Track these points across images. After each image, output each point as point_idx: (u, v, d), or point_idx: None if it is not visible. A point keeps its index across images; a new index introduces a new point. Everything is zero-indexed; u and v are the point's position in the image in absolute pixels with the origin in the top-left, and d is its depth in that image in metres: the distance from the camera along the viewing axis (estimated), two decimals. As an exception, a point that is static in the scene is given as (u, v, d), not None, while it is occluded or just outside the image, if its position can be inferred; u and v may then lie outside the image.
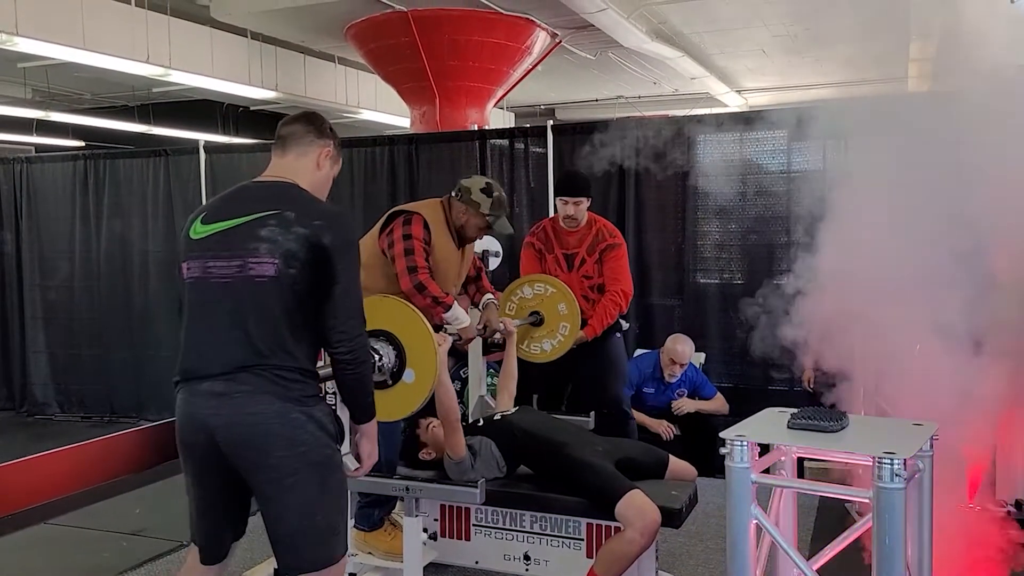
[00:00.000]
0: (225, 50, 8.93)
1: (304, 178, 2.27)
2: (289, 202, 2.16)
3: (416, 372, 2.53)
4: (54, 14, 6.89)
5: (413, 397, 2.56)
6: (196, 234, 2.19)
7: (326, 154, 2.34)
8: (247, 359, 2.06)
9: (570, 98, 13.90)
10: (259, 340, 2.07)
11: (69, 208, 6.59)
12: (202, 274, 2.16)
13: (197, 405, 2.09)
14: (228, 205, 2.22)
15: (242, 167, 6.13)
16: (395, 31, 8.28)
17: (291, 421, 2.04)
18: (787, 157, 4.94)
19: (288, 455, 2.05)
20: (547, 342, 4.03)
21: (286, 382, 2.06)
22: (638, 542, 2.81)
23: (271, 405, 2.04)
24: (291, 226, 2.10)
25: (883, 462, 1.78)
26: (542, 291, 4.03)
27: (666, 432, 4.58)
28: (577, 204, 4.08)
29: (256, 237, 2.10)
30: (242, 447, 2.06)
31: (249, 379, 2.05)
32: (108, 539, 4.10)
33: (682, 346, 4.59)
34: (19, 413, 6.77)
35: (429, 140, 5.91)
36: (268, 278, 2.08)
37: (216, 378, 2.07)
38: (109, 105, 12.43)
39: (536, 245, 4.26)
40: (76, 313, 6.61)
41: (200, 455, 2.13)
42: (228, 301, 2.11)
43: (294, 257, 2.08)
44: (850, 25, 4.49)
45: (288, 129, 2.33)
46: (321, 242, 2.09)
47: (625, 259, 4.19)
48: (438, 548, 3.34)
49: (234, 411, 2.04)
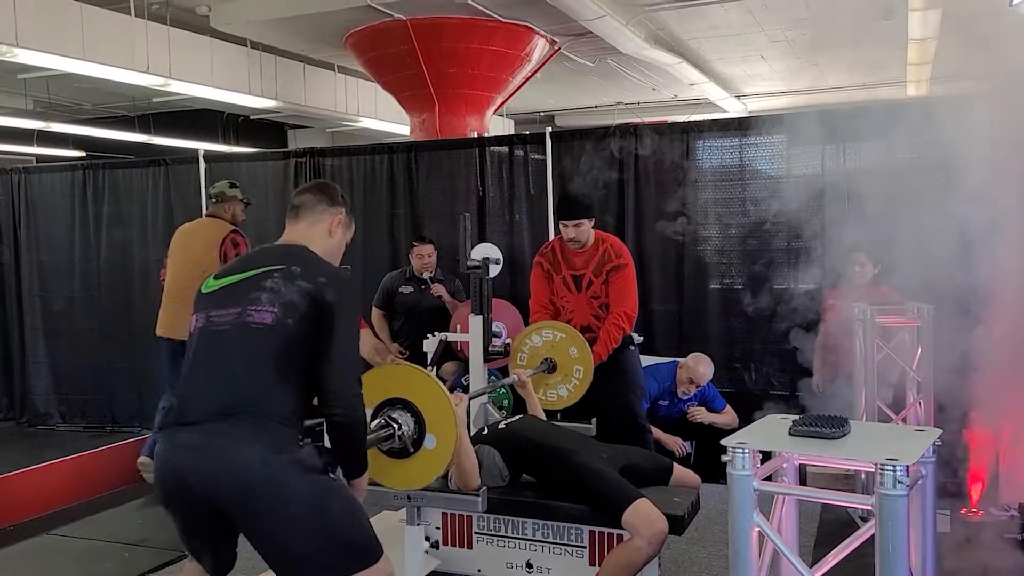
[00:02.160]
0: (225, 59, 8.95)
1: (317, 245, 2.34)
2: (297, 260, 2.22)
3: (437, 437, 2.50)
4: (54, 25, 6.91)
5: (436, 462, 2.53)
6: (207, 288, 2.26)
7: (337, 222, 2.41)
8: (230, 405, 2.06)
9: (569, 105, 13.93)
10: (247, 385, 2.08)
11: (69, 218, 6.59)
12: (204, 324, 2.20)
13: (176, 456, 2.08)
14: (240, 263, 2.30)
15: (241, 176, 6.14)
16: (394, 39, 8.29)
17: (272, 467, 2.02)
18: (787, 162, 4.94)
19: (274, 498, 2.03)
20: (563, 387, 4.01)
21: (265, 429, 2.05)
22: (645, 551, 2.80)
23: (251, 453, 2.02)
24: (295, 279, 2.15)
25: (886, 469, 1.77)
26: (551, 337, 4.01)
27: (679, 449, 4.57)
28: (578, 227, 4.04)
29: (259, 287, 2.15)
30: (225, 501, 2.04)
31: (228, 429, 2.04)
32: (110, 550, 4.09)
33: (704, 368, 4.58)
34: (20, 424, 6.76)
35: (428, 148, 5.91)
36: (264, 326, 2.11)
37: (195, 426, 2.07)
38: (109, 115, 12.45)
39: (544, 266, 4.23)
40: (76, 323, 6.61)
41: (180, 504, 2.12)
42: (222, 347, 2.13)
43: (294, 308, 2.11)
44: (848, 30, 4.51)
45: (301, 199, 2.40)
46: (324, 298, 2.13)
47: (630, 279, 4.14)
48: (440, 557, 3.33)
49: (215, 464, 2.03)
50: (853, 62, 11.14)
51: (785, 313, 4.88)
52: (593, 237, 4.13)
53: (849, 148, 4.74)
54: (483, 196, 5.56)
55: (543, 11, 7.89)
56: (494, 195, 5.55)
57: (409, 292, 5.30)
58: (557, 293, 4.19)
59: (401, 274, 5.39)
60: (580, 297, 4.13)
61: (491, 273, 4.24)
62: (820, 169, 4.81)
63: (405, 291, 5.30)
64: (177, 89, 8.56)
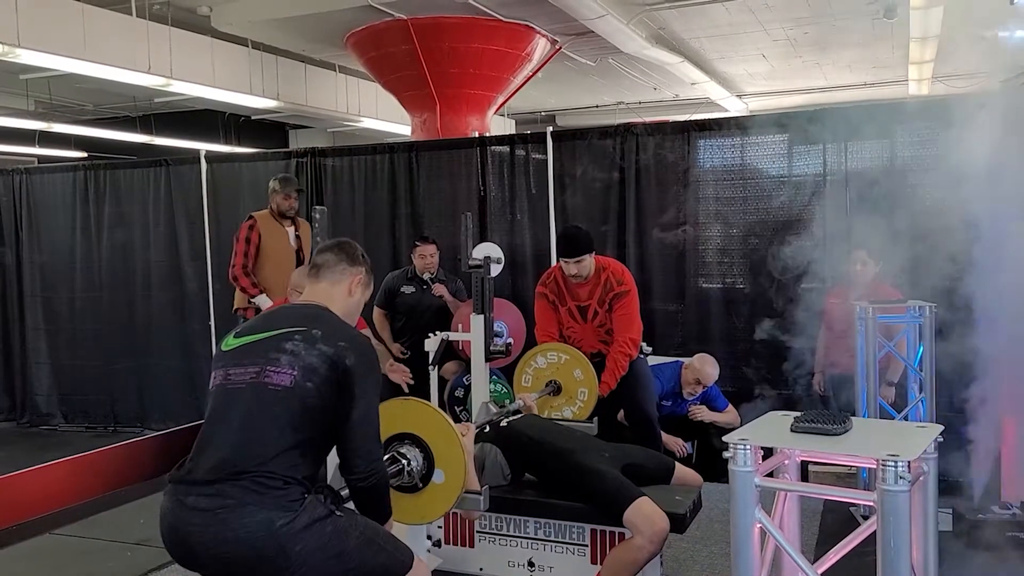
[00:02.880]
0: (226, 60, 8.96)
1: (337, 305, 2.35)
2: (318, 322, 2.22)
3: (446, 472, 2.50)
4: (56, 26, 6.92)
5: (446, 496, 2.53)
6: (227, 346, 2.26)
7: (358, 281, 2.42)
8: (238, 466, 2.05)
9: (570, 104, 13.93)
10: (256, 445, 2.06)
11: (70, 218, 6.61)
12: (222, 381, 2.20)
13: (181, 520, 2.07)
14: (261, 322, 2.30)
15: (242, 176, 6.16)
16: (395, 39, 8.30)
17: (276, 532, 2.01)
18: (788, 161, 4.94)
19: (284, 559, 2.02)
20: (567, 409, 4.00)
21: (268, 490, 2.04)
22: (646, 549, 2.80)
23: (254, 517, 2.01)
24: (316, 343, 2.15)
25: (887, 464, 1.77)
26: (556, 359, 3.99)
27: (680, 449, 4.57)
28: (579, 262, 3.98)
29: (279, 349, 2.15)
30: (233, 564, 2.04)
31: (232, 491, 2.03)
32: (112, 549, 4.10)
33: (711, 369, 4.57)
34: (21, 424, 6.78)
35: (429, 147, 5.92)
36: (283, 387, 2.11)
37: (202, 487, 2.05)
38: (111, 116, 12.47)
39: (549, 296, 4.17)
40: (78, 323, 6.62)
41: (190, 563, 2.12)
42: (237, 406, 2.13)
43: (314, 372, 2.11)
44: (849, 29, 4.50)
45: (323, 258, 2.42)
46: (344, 363, 2.13)
47: (633, 305, 4.09)
48: (442, 555, 3.33)
49: (218, 530, 2.01)
50: (854, 61, 11.15)
51: (786, 312, 4.88)
52: (594, 267, 4.07)
53: (851, 147, 4.74)
54: (484, 196, 5.56)
55: (544, 10, 7.90)
56: (495, 195, 5.55)
57: (411, 292, 5.30)
58: (564, 323, 4.16)
59: (403, 274, 5.39)
60: (587, 327, 4.11)
61: (493, 272, 4.24)
62: (821, 168, 4.81)
63: (407, 291, 5.30)
64: (178, 89, 8.57)
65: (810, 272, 4.86)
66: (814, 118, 4.78)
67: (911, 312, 3.97)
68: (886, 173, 4.64)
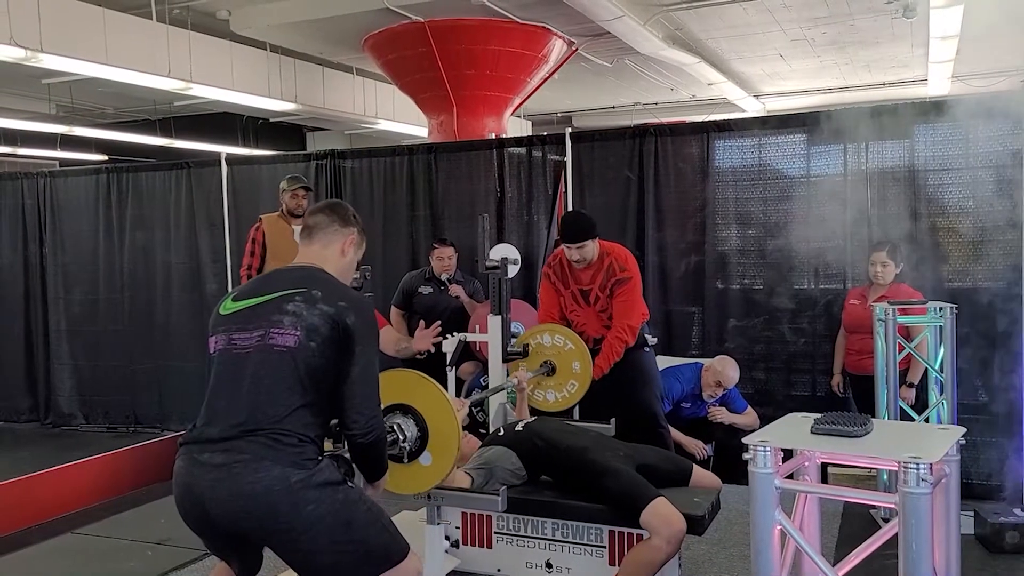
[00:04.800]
0: (245, 63, 9.03)
1: (331, 265, 2.37)
2: (317, 283, 2.25)
3: (434, 458, 2.53)
4: (77, 31, 7.00)
5: (424, 480, 2.57)
6: (225, 310, 2.28)
7: (351, 241, 2.45)
8: (250, 423, 2.08)
9: (587, 105, 13.91)
10: (268, 406, 2.10)
11: (92, 221, 6.68)
12: (226, 346, 2.22)
13: (195, 476, 2.10)
14: (259, 285, 2.32)
15: (262, 178, 6.20)
16: (412, 42, 8.33)
17: (292, 487, 2.05)
18: (806, 162, 4.90)
19: (296, 517, 2.05)
20: (552, 393, 4.01)
21: (283, 446, 2.07)
22: (664, 550, 2.80)
23: (270, 472, 2.04)
24: (317, 303, 2.18)
25: (909, 466, 1.76)
26: (561, 344, 3.98)
27: (700, 452, 4.55)
28: (581, 248, 3.99)
29: (281, 310, 2.18)
30: (245, 519, 2.06)
31: (247, 447, 2.06)
32: (134, 548, 4.14)
33: (733, 371, 4.54)
34: (44, 424, 6.85)
35: (447, 149, 5.93)
36: (287, 348, 2.14)
37: (216, 444, 2.09)
38: (131, 119, 12.60)
39: (552, 278, 4.20)
40: (100, 325, 6.69)
41: (203, 525, 2.15)
42: (245, 369, 2.15)
43: (316, 332, 2.14)
44: (868, 28, 4.47)
45: (314, 219, 2.43)
46: (345, 322, 2.16)
47: (634, 291, 4.07)
48: (460, 556, 3.34)
49: (233, 484, 2.04)
50: (873, 60, 11.06)
51: (805, 313, 4.86)
52: (598, 251, 4.07)
53: (871, 147, 4.70)
54: (501, 197, 5.57)
55: (560, 12, 7.89)
56: (512, 196, 5.56)
57: (428, 292, 5.31)
58: (568, 307, 4.17)
59: (420, 274, 5.41)
60: (589, 311, 4.11)
61: (510, 273, 4.24)
62: (841, 168, 4.77)
63: (424, 291, 5.32)
64: (198, 93, 8.65)
65: (829, 273, 4.83)
66: (833, 118, 4.75)
67: (932, 313, 3.93)
68: (907, 173, 4.60)
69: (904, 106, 4.75)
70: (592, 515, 3.05)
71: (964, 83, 11.22)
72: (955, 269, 4.52)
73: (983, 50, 10.24)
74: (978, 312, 4.34)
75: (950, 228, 4.51)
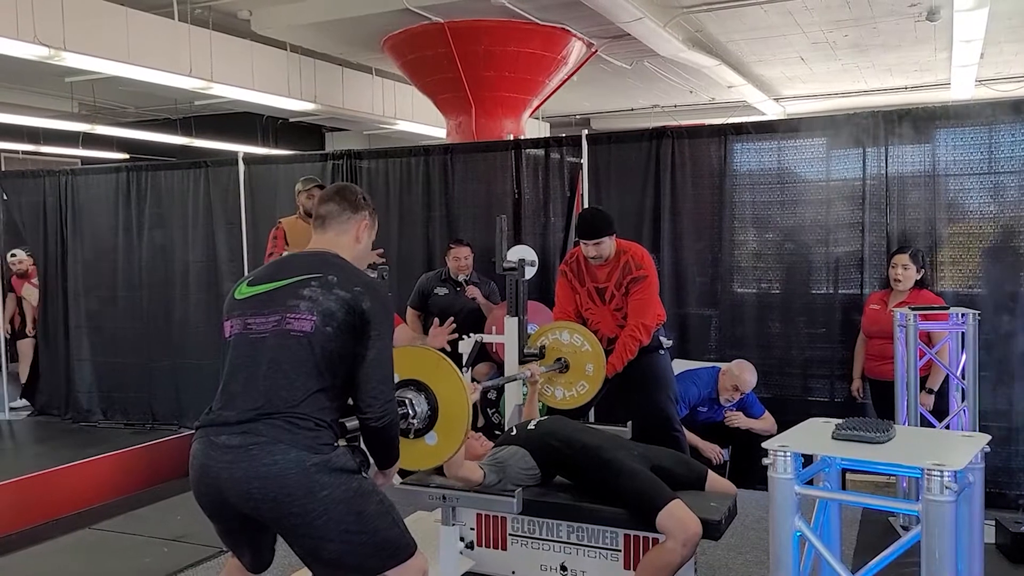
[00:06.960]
0: (265, 63, 9.08)
1: (345, 252, 2.38)
2: (332, 268, 2.25)
3: (439, 439, 2.53)
4: (100, 30, 7.06)
5: (425, 458, 2.57)
6: (241, 295, 2.29)
7: (364, 226, 2.45)
8: (267, 407, 2.09)
9: (605, 108, 13.88)
10: (284, 390, 2.11)
11: (112, 219, 6.73)
12: (242, 330, 2.23)
13: (212, 458, 2.10)
14: (274, 270, 2.32)
15: (279, 178, 6.22)
16: (431, 42, 8.34)
17: (307, 470, 2.05)
18: (826, 165, 4.86)
19: (310, 501, 2.06)
20: (561, 390, 4.01)
21: (300, 430, 2.08)
22: (679, 552, 2.78)
23: (286, 454, 2.05)
24: (333, 288, 2.18)
25: (933, 474, 1.73)
26: (579, 344, 3.97)
27: (717, 456, 4.53)
28: (598, 244, 3.98)
29: (298, 295, 2.18)
30: (260, 500, 2.06)
31: (265, 429, 2.07)
32: (150, 544, 4.16)
33: (750, 376, 4.51)
34: (64, 420, 6.91)
35: (464, 150, 5.93)
36: (304, 333, 2.14)
37: (233, 427, 2.10)
38: (152, 118, 12.70)
39: (569, 275, 4.20)
40: (119, 322, 6.74)
41: (217, 507, 2.15)
42: (262, 353, 2.16)
43: (332, 317, 2.15)
44: (890, 31, 4.42)
45: (326, 208, 2.43)
46: (360, 306, 2.17)
47: (650, 290, 4.05)
48: (475, 557, 3.33)
49: (249, 465, 2.05)
50: (895, 64, 10.97)
51: (823, 318, 4.82)
52: (614, 248, 4.06)
53: (891, 151, 4.66)
54: (519, 198, 5.56)
55: (580, 13, 7.88)
56: (529, 197, 5.55)
57: (444, 293, 5.31)
58: (583, 305, 4.16)
59: (437, 275, 5.41)
60: (604, 309, 4.10)
61: (527, 275, 4.23)
62: (861, 172, 4.73)
63: (440, 292, 5.32)
64: (219, 92, 8.69)
65: (848, 278, 4.79)
66: (853, 121, 4.71)
67: (953, 319, 3.88)
68: (928, 177, 4.55)
69: (925, 110, 4.70)
70: (607, 518, 3.04)
71: (989, 87, 11.09)
72: (976, 275, 4.48)
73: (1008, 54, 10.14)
74: (999, 318, 4.29)
75: (971, 233, 4.46)
